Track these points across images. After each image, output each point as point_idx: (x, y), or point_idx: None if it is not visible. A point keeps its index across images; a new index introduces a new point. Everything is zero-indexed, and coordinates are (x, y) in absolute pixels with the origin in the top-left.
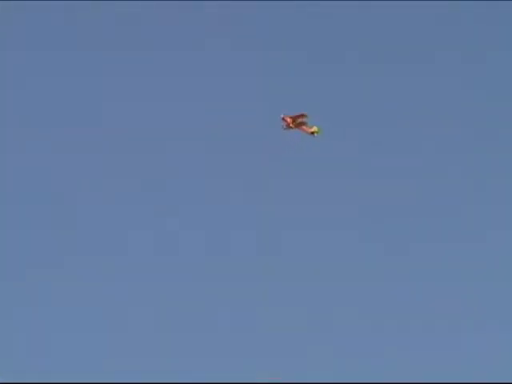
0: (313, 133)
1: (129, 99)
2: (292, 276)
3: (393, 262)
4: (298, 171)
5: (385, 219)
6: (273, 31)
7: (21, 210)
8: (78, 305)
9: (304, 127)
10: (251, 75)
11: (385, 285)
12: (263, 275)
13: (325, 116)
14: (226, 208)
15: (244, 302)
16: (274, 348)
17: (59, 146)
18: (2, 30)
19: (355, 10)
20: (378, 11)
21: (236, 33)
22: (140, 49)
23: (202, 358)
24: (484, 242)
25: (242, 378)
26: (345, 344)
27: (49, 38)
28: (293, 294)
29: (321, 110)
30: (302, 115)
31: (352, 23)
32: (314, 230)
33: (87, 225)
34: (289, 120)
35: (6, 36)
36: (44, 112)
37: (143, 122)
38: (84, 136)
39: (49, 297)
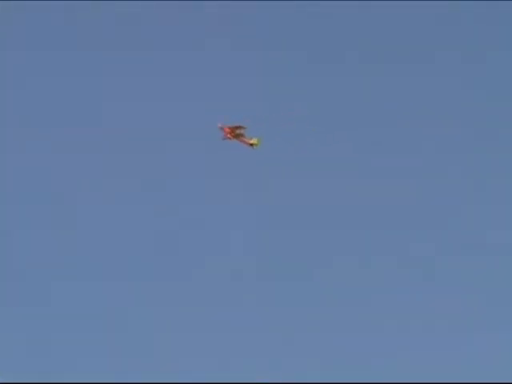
0: (252, 145)
1: (129, 99)
2: (292, 276)
3: (393, 262)
4: (298, 171)
5: (385, 219)
6: (273, 31)
7: (21, 210)
8: (78, 305)
9: (243, 139)
10: (251, 75)
11: (385, 285)
12: (263, 275)
13: (324, 116)
14: (226, 208)
15: (244, 301)
16: (274, 348)
17: (59, 145)
18: (2, 30)
19: (355, 9)
20: (378, 11)
21: (236, 33)
22: (140, 49)
23: (202, 358)
24: (484, 242)
25: (242, 378)
26: (345, 344)
27: (49, 38)
28: (293, 294)
29: (320, 110)
30: (240, 127)
31: (352, 23)
32: (314, 229)
33: (87, 225)
34: (227, 130)
35: (6, 36)
36: (44, 112)
37: (143, 122)
38: (84, 136)
39: (49, 297)
